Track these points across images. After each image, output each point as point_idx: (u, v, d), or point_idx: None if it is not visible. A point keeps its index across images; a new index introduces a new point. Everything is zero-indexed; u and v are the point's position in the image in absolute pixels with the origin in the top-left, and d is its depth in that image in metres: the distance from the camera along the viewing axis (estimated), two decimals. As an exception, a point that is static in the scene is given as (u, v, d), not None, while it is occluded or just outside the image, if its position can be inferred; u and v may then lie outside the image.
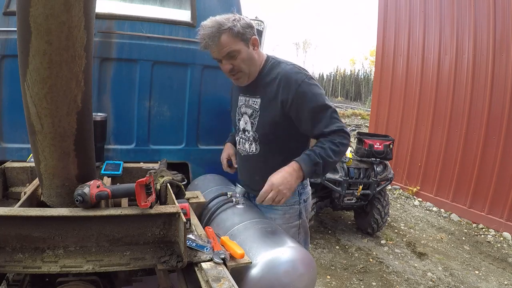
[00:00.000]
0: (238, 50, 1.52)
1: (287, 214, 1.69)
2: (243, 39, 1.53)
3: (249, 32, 1.54)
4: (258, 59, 1.61)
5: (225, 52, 1.52)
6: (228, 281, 1.08)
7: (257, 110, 1.64)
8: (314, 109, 1.52)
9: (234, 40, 1.50)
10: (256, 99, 1.64)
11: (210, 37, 1.49)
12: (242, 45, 1.53)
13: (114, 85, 2.00)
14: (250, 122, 1.68)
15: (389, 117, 6.83)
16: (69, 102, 1.11)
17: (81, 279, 1.19)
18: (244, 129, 1.72)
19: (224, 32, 1.48)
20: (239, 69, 1.58)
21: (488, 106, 4.99)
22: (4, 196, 1.65)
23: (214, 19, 1.51)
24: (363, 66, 23.89)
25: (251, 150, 1.69)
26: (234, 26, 1.48)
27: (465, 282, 3.45)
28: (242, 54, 1.54)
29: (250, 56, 1.56)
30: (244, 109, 1.71)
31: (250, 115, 1.68)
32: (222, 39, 1.49)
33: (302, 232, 1.75)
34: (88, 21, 1.06)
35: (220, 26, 1.48)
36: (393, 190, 6.41)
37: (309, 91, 1.52)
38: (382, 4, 6.98)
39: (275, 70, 1.59)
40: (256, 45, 1.58)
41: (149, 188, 1.19)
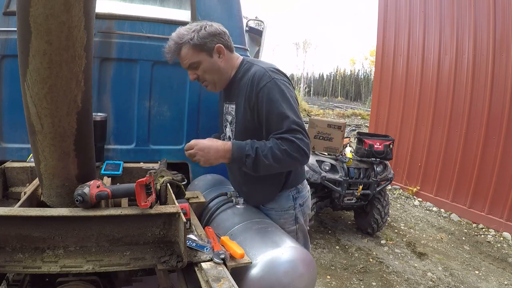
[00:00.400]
0: (198, 61, 1.53)
1: (282, 219, 1.65)
2: (204, 50, 1.51)
3: (211, 41, 1.51)
4: (226, 67, 1.58)
5: (186, 64, 1.56)
6: (228, 281, 1.08)
7: (234, 117, 1.62)
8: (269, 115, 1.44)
9: (193, 52, 1.51)
10: (232, 105, 1.63)
11: (172, 51, 1.53)
12: (204, 56, 1.52)
13: (114, 85, 2.00)
14: (230, 130, 1.67)
15: (389, 117, 6.83)
16: (69, 102, 1.11)
17: (81, 279, 1.19)
18: (229, 137, 1.70)
19: (183, 45, 1.50)
20: (203, 79, 1.59)
21: (488, 106, 4.99)
22: (4, 196, 1.65)
23: (178, 31, 1.53)
24: (363, 66, 24.01)
25: None
26: (191, 38, 1.48)
27: (465, 282, 3.45)
28: (204, 65, 1.54)
29: (213, 65, 1.55)
30: (226, 116, 1.70)
31: (230, 122, 1.67)
32: (182, 52, 1.52)
33: (301, 236, 1.72)
34: (88, 21, 1.06)
35: (179, 39, 1.50)
36: (393, 190, 6.41)
37: (268, 94, 1.42)
38: (382, 4, 6.98)
39: (247, 73, 1.55)
40: (222, 52, 1.55)
41: (149, 188, 1.19)
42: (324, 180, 3.83)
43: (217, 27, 1.54)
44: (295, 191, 1.67)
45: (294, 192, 1.67)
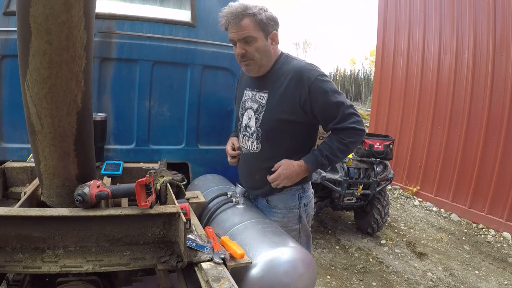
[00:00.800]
0: (255, 37, 1.51)
1: (286, 218, 1.67)
2: (264, 30, 1.52)
3: (272, 25, 1.54)
4: (273, 54, 1.60)
5: (242, 35, 1.51)
6: (228, 281, 1.08)
7: (263, 105, 1.61)
8: (326, 106, 1.52)
9: (254, 26, 1.50)
10: (264, 94, 1.62)
11: (233, 15, 1.48)
12: (261, 35, 1.52)
13: (114, 85, 2.00)
14: (254, 118, 1.64)
15: (389, 117, 6.83)
16: (69, 102, 1.11)
17: (81, 279, 1.19)
18: (247, 125, 1.69)
19: (247, 16, 1.48)
20: (251, 57, 1.55)
21: (488, 106, 4.98)
22: (4, 196, 1.65)
23: (242, 1, 1.52)
24: (363, 66, 24.13)
25: (252, 148, 1.67)
26: (259, 13, 1.48)
27: (465, 282, 3.45)
28: (258, 43, 1.53)
29: (265, 48, 1.55)
30: (250, 103, 1.68)
31: (255, 110, 1.65)
32: (244, 21, 1.49)
33: (303, 236, 1.73)
34: (88, 21, 1.06)
35: (246, 9, 1.48)
36: (393, 190, 6.41)
37: (322, 87, 1.51)
38: (382, 4, 6.98)
39: (287, 65, 1.58)
40: (275, 40, 1.58)
41: (149, 188, 1.19)
42: (324, 180, 3.83)
43: (275, 17, 1.56)
44: (301, 190, 1.69)
45: (300, 191, 1.69)
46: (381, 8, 7.00)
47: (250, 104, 1.68)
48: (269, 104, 1.60)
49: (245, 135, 1.71)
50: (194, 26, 2.08)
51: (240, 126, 1.76)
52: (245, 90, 1.73)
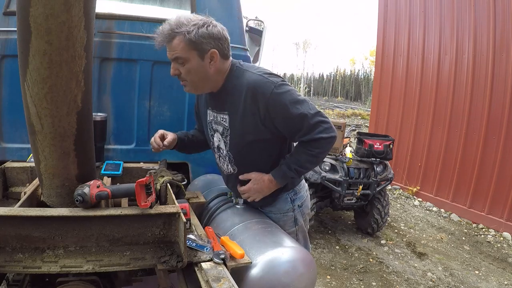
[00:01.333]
0: (186, 58, 1.39)
1: (281, 222, 1.64)
2: (197, 49, 1.38)
3: (208, 43, 1.38)
4: (214, 73, 1.46)
5: (173, 55, 1.41)
6: (228, 281, 1.08)
7: (227, 128, 1.54)
8: (288, 120, 1.43)
9: (185, 46, 1.36)
10: (224, 116, 1.53)
11: (163, 35, 1.37)
12: (194, 55, 1.39)
13: (114, 85, 2.00)
14: (223, 141, 1.59)
15: (389, 117, 6.83)
16: (69, 102, 1.11)
17: (81, 279, 1.19)
18: (218, 146, 1.64)
19: (177, 35, 1.35)
20: (184, 78, 1.46)
21: (488, 106, 4.98)
22: (4, 196, 1.65)
23: (178, 17, 1.37)
24: (363, 66, 24.21)
25: (229, 170, 1.64)
26: (188, 32, 1.34)
27: (465, 282, 3.45)
28: (191, 64, 1.40)
29: (200, 69, 1.42)
30: (215, 125, 1.61)
31: (221, 133, 1.58)
32: (174, 41, 1.37)
33: (301, 237, 1.72)
34: (88, 21, 1.06)
35: (175, 27, 1.35)
36: (393, 190, 6.41)
37: (280, 101, 1.40)
38: (382, 4, 6.98)
39: (239, 80, 1.46)
40: (215, 59, 1.42)
41: (149, 188, 1.19)
42: (324, 180, 3.83)
43: (220, 30, 1.42)
44: (292, 193, 1.66)
45: (292, 194, 1.66)
46: (381, 8, 7.00)
47: (215, 126, 1.61)
48: (232, 127, 1.52)
49: (220, 155, 1.66)
50: (194, 26, 2.08)
51: (213, 147, 1.70)
52: (207, 109, 1.64)
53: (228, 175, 1.68)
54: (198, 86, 1.50)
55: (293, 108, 1.41)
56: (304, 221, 1.73)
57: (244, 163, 1.58)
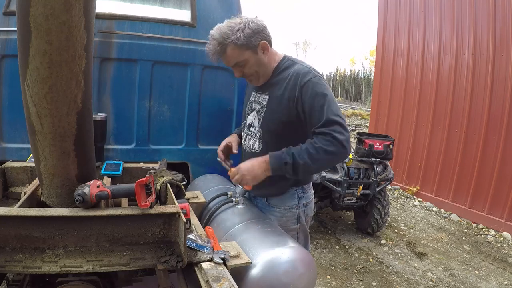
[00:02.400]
0: (244, 59, 1.54)
1: (285, 217, 1.67)
2: (250, 47, 1.52)
3: (256, 38, 1.52)
4: (269, 62, 1.61)
5: (232, 63, 1.56)
6: (228, 281, 1.08)
7: (264, 106, 1.64)
8: (313, 108, 1.48)
9: (239, 51, 1.51)
10: (265, 96, 1.65)
11: (216, 52, 1.53)
12: (249, 54, 1.53)
13: (114, 85, 2.00)
14: (257, 118, 1.68)
15: (389, 117, 6.83)
16: (69, 102, 1.11)
17: (81, 279, 1.19)
18: (251, 124, 1.72)
19: (228, 46, 1.50)
20: (249, 74, 1.61)
21: (488, 106, 4.98)
22: (4, 196, 1.65)
23: (220, 29, 1.51)
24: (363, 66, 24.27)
25: (254, 147, 1.69)
26: (237, 38, 1.48)
27: (465, 282, 3.45)
28: (250, 62, 1.55)
29: (259, 62, 1.57)
30: (254, 104, 1.71)
31: (258, 111, 1.68)
32: (228, 52, 1.52)
33: (302, 236, 1.73)
34: (88, 21, 1.06)
35: (223, 39, 1.49)
36: (393, 190, 6.41)
37: (313, 89, 1.48)
38: (382, 4, 6.98)
39: (288, 70, 1.58)
40: (266, 48, 1.56)
41: (149, 188, 1.19)
42: (324, 180, 3.83)
43: (258, 23, 1.53)
44: (300, 190, 1.68)
45: (300, 191, 1.68)
46: (381, 8, 7.00)
47: (254, 105, 1.71)
48: (269, 106, 1.62)
49: (248, 134, 1.73)
50: (194, 26, 2.09)
51: (244, 125, 1.78)
52: (252, 91, 1.76)
53: (250, 153, 1.70)
54: (260, 76, 1.63)
55: (321, 99, 1.47)
56: (306, 222, 1.74)
57: (270, 141, 1.62)
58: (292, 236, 1.65)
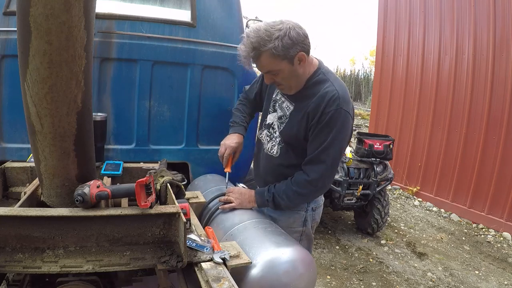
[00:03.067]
0: (278, 69, 1.45)
1: (291, 218, 1.67)
2: (286, 58, 1.41)
3: (294, 49, 1.40)
4: (304, 73, 1.52)
5: (265, 70, 1.50)
6: (228, 281, 1.08)
7: (286, 117, 1.61)
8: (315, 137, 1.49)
9: (274, 60, 1.41)
10: (291, 106, 1.60)
11: (249, 56, 1.43)
12: (285, 64, 1.43)
13: (114, 85, 2.00)
14: (277, 123, 1.65)
15: (389, 117, 6.83)
16: (69, 102, 1.11)
17: (81, 279, 1.19)
18: (270, 124, 1.69)
19: (264, 53, 1.39)
20: (279, 83, 1.54)
21: (488, 106, 4.98)
22: (4, 196, 1.65)
23: (257, 33, 1.38)
24: (363, 66, 24.43)
25: (272, 151, 1.68)
26: (275, 47, 1.36)
27: (465, 282, 3.45)
28: (284, 73, 1.46)
29: (293, 73, 1.48)
30: (277, 107, 1.67)
31: (279, 117, 1.64)
32: (262, 59, 1.42)
33: (305, 239, 1.72)
34: (88, 21, 1.06)
35: (260, 45, 1.38)
36: (393, 190, 6.41)
37: (331, 120, 1.44)
38: (382, 4, 6.97)
39: (318, 86, 1.51)
40: (303, 60, 1.46)
41: (149, 188, 1.19)
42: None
43: (300, 32, 1.41)
44: None
45: None
46: (381, 8, 6.99)
47: (277, 107, 1.67)
48: (291, 118, 1.59)
49: (267, 134, 1.71)
50: (194, 26, 2.08)
51: (263, 121, 1.75)
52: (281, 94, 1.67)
53: (268, 156, 1.70)
54: (292, 86, 1.56)
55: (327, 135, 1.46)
56: (312, 226, 1.74)
57: (288, 149, 1.62)
58: (295, 238, 1.65)
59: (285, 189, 1.55)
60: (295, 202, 1.60)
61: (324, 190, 1.58)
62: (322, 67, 1.57)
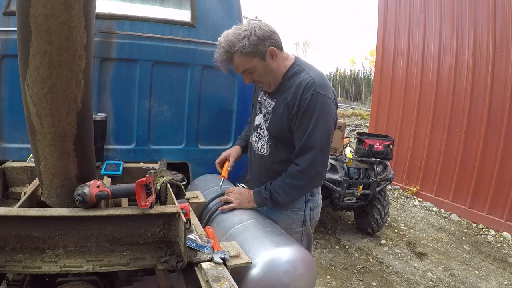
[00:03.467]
0: (252, 67, 1.51)
1: (290, 219, 1.66)
2: (257, 54, 1.48)
3: (263, 45, 1.47)
4: (279, 67, 1.56)
5: (240, 70, 1.54)
6: (228, 281, 1.08)
7: (269, 112, 1.64)
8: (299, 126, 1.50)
9: (246, 59, 1.48)
10: (272, 102, 1.64)
11: (223, 60, 1.50)
12: (257, 61, 1.49)
13: (114, 85, 2.00)
14: (263, 122, 1.69)
15: (389, 117, 6.83)
16: (69, 102, 1.11)
17: (81, 279, 1.19)
18: (258, 125, 1.73)
19: (235, 53, 1.47)
20: (258, 81, 1.59)
21: (488, 106, 4.98)
22: (4, 196, 1.65)
23: (226, 37, 1.47)
24: (363, 66, 24.37)
25: (262, 150, 1.70)
26: (243, 46, 1.44)
27: (465, 282, 3.45)
28: (258, 69, 1.52)
29: (267, 68, 1.53)
30: (262, 107, 1.72)
31: (264, 115, 1.68)
32: (235, 60, 1.49)
33: (305, 239, 1.72)
34: (88, 21, 1.06)
35: (230, 47, 1.45)
36: (393, 190, 6.41)
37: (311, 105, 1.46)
38: (382, 4, 6.98)
39: (294, 77, 1.55)
40: (274, 54, 1.51)
41: (149, 188, 1.19)
42: (324, 180, 3.83)
43: (266, 28, 1.49)
44: (308, 194, 1.68)
45: (308, 194, 1.68)
46: (381, 8, 6.99)
47: (262, 108, 1.71)
48: (273, 112, 1.62)
49: (256, 136, 1.74)
50: (194, 26, 2.09)
51: (253, 125, 1.79)
52: (261, 91, 1.73)
53: (259, 156, 1.71)
54: (271, 82, 1.59)
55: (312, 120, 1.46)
56: (311, 226, 1.74)
57: (277, 145, 1.64)
58: (296, 239, 1.64)
59: (280, 184, 1.56)
60: (292, 196, 1.60)
61: (320, 178, 1.57)
62: (298, 61, 1.61)
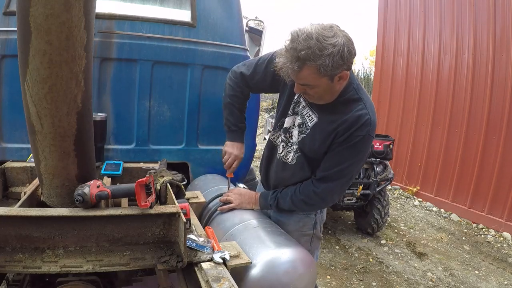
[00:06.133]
0: (316, 85, 1.32)
1: (301, 222, 1.65)
2: (328, 76, 1.27)
3: (341, 67, 1.27)
4: (340, 89, 1.40)
5: (301, 82, 1.34)
6: (228, 281, 1.08)
7: (308, 128, 1.49)
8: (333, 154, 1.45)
9: (316, 76, 1.26)
10: (314, 117, 1.47)
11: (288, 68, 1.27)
12: (325, 80, 1.29)
13: (114, 85, 2.00)
14: (297, 132, 1.53)
15: (389, 117, 6.83)
16: (69, 102, 1.11)
17: (81, 279, 1.19)
18: (287, 128, 1.58)
19: (309, 66, 1.23)
20: (310, 95, 1.41)
21: (488, 106, 4.98)
22: (4, 196, 1.65)
23: (307, 41, 1.20)
24: (363, 66, 24.06)
25: (287, 158, 1.59)
26: (324, 65, 1.21)
27: (465, 282, 3.45)
28: (320, 88, 1.33)
29: (330, 89, 1.35)
30: (298, 112, 1.54)
31: (299, 125, 1.52)
32: (304, 71, 1.25)
33: (315, 241, 1.72)
34: (88, 21, 1.06)
35: (307, 58, 1.20)
36: (393, 190, 6.41)
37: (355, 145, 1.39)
38: (382, 4, 6.97)
39: (351, 105, 1.41)
40: (344, 78, 1.33)
41: (149, 188, 1.19)
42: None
43: (352, 50, 1.27)
44: None
45: None
46: (381, 8, 6.99)
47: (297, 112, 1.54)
48: (313, 131, 1.48)
49: (283, 139, 1.61)
50: (194, 26, 2.08)
51: (278, 123, 1.64)
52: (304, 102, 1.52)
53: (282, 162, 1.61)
54: (324, 99, 1.42)
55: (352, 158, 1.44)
56: (320, 228, 1.73)
57: (305, 159, 1.54)
58: (306, 241, 1.65)
59: (291, 196, 1.55)
60: (299, 209, 1.60)
61: (331, 204, 1.59)
62: (353, 82, 1.44)
